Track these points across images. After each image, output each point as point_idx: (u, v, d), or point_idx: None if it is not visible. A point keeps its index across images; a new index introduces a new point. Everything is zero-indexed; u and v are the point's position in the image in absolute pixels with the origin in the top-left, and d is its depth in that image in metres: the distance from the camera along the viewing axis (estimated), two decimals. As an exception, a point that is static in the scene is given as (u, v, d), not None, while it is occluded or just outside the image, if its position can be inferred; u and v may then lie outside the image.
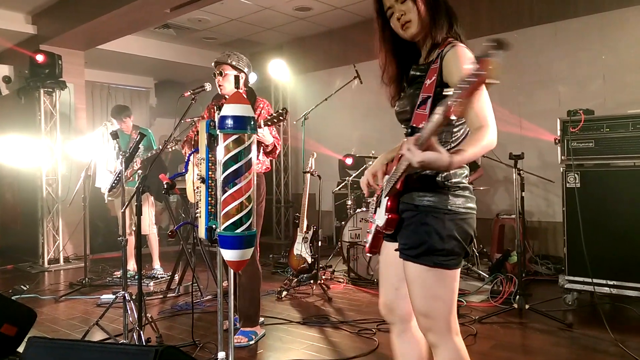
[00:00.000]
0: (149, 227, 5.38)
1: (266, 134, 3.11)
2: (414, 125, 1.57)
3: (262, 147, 3.22)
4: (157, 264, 5.49)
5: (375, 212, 1.79)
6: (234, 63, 3.25)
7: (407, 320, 1.78)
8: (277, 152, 3.33)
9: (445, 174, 1.57)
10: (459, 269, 1.62)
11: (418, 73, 1.66)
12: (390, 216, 1.60)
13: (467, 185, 1.64)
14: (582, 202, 3.70)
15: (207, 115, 3.41)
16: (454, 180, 1.59)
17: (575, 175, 3.81)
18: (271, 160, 3.62)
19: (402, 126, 1.77)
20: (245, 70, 3.31)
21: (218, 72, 3.26)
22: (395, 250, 1.65)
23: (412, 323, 1.76)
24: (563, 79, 5.62)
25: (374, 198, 1.86)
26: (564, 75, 5.62)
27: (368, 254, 1.90)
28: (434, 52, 1.63)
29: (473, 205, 1.65)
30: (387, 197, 1.63)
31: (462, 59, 1.51)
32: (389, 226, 1.62)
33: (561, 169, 3.90)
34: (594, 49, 5.42)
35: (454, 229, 1.57)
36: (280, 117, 3.03)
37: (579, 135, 3.80)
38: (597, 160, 3.77)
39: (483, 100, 1.49)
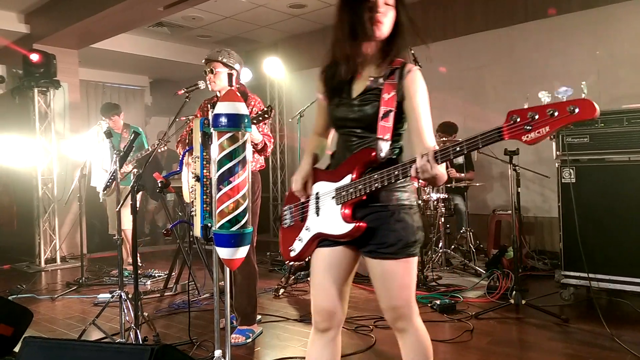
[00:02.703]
0: (129, 223, 5.37)
1: (254, 132, 3.09)
2: (380, 136, 1.68)
3: (252, 146, 3.20)
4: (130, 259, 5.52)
5: (302, 220, 1.82)
6: (224, 60, 3.23)
7: (340, 324, 1.82)
8: (269, 149, 3.30)
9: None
10: None
11: (375, 86, 1.72)
12: (358, 225, 1.66)
13: (410, 181, 1.77)
14: (578, 197, 3.71)
15: (200, 114, 3.40)
16: (408, 179, 1.71)
17: (571, 170, 3.82)
18: (266, 158, 3.61)
19: (343, 129, 1.80)
20: (236, 66, 3.29)
21: (209, 69, 3.24)
22: (365, 252, 1.72)
23: (340, 327, 1.83)
24: (557, 75, 5.63)
25: (293, 205, 1.88)
26: (559, 70, 5.62)
27: (291, 262, 1.94)
28: (384, 68, 1.72)
29: (415, 197, 1.85)
30: (341, 205, 1.69)
31: (422, 84, 1.70)
32: (354, 235, 1.67)
33: (556, 164, 3.91)
34: (588, 45, 5.42)
35: (419, 221, 1.74)
36: (266, 115, 3.00)
37: (574, 130, 3.81)
38: (592, 155, 3.77)
39: (429, 120, 1.69)
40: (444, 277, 4.75)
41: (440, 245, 5.19)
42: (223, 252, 2.20)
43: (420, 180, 1.48)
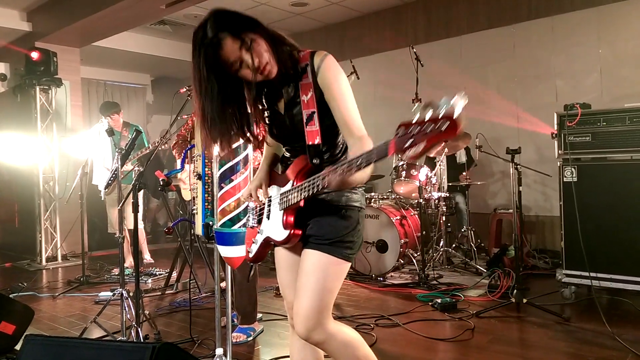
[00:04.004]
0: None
1: None
2: (311, 143, 1.60)
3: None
4: (147, 254, 5.55)
5: (259, 223, 1.79)
6: None
7: None
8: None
9: None
10: None
11: (292, 95, 1.64)
12: (293, 232, 1.61)
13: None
14: (579, 196, 3.70)
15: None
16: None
17: (573, 169, 3.81)
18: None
19: (286, 144, 1.77)
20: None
21: None
22: (304, 243, 1.66)
23: None
24: (560, 73, 5.62)
25: (255, 207, 1.84)
26: (561, 69, 5.62)
27: (251, 263, 1.84)
28: (291, 73, 1.62)
29: (365, 201, 1.76)
30: (283, 211, 1.63)
31: (337, 71, 1.60)
32: (291, 241, 1.63)
33: (558, 163, 3.90)
34: (591, 43, 5.41)
35: (362, 224, 1.70)
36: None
37: (576, 129, 3.80)
38: (594, 154, 3.77)
39: (353, 107, 1.60)
40: (445, 276, 4.75)
41: (441, 244, 5.19)
42: (224, 251, 2.20)
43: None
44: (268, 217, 1.74)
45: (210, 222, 2.33)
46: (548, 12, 5.68)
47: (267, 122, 1.73)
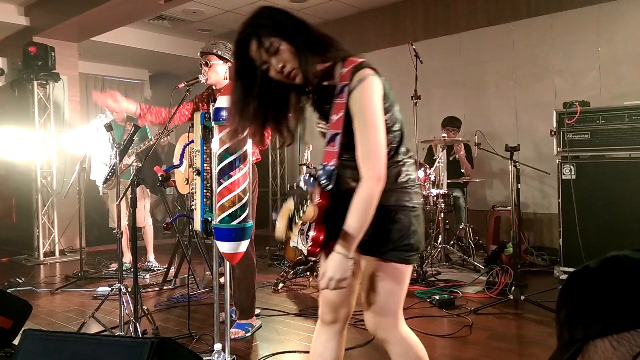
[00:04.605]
0: (145, 219, 5.38)
1: None
2: (325, 163, 1.53)
3: None
4: (151, 255, 5.50)
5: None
6: (220, 53, 3.21)
7: (347, 318, 1.78)
8: (267, 141, 3.27)
9: (405, 175, 1.60)
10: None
11: (327, 111, 1.59)
12: (313, 249, 1.56)
13: (417, 182, 1.68)
14: (578, 194, 3.71)
15: (192, 106, 3.39)
16: (411, 177, 1.63)
17: (571, 166, 3.82)
18: (265, 152, 3.60)
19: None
20: (233, 59, 3.26)
21: (204, 62, 3.23)
22: (359, 247, 1.59)
23: (346, 322, 1.78)
24: (559, 71, 5.62)
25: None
26: (560, 67, 5.61)
27: (313, 257, 1.79)
28: (328, 82, 1.57)
29: (421, 200, 1.69)
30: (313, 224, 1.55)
31: (366, 98, 1.50)
32: (310, 256, 1.61)
33: (557, 160, 3.91)
34: (590, 41, 5.41)
35: (416, 224, 1.61)
36: None
37: (575, 127, 3.81)
38: (592, 151, 3.78)
39: (375, 142, 1.49)
40: (443, 273, 4.76)
41: (439, 241, 5.19)
42: (223, 247, 2.20)
43: None
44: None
45: (209, 218, 2.33)
46: (547, 9, 5.68)
47: (319, 127, 1.70)
